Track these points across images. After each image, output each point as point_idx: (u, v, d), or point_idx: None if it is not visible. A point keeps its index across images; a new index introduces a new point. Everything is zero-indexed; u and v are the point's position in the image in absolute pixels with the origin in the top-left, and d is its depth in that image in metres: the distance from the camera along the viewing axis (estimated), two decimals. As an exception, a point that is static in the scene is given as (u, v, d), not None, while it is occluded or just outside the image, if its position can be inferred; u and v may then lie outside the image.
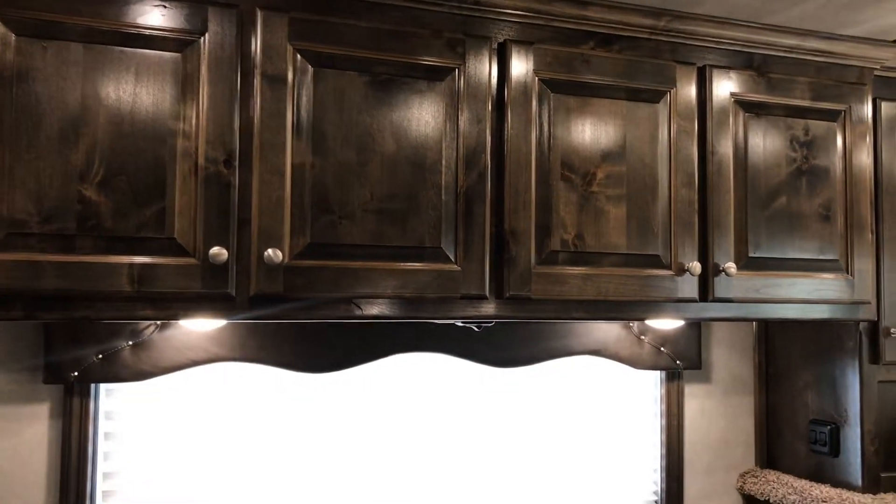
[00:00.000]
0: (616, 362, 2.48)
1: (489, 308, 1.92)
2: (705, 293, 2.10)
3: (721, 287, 2.10)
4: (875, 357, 2.37)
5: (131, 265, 1.61)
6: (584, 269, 1.98)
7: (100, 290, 1.59)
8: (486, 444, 2.39)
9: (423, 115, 1.83)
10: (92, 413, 2.00)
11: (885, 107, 2.38)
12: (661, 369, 2.56)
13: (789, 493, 2.47)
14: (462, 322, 2.01)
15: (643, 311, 2.08)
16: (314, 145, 1.74)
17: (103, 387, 2.03)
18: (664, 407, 2.59)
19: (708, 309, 2.12)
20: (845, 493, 2.32)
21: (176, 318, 1.68)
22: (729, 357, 2.69)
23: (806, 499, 2.41)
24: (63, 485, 1.97)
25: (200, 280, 1.66)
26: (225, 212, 1.68)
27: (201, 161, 1.66)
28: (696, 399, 2.65)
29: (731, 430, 2.69)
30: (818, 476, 2.48)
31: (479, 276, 1.88)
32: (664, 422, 2.59)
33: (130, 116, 1.62)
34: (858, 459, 2.37)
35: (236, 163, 1.69)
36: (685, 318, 2.16)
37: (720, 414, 2.68)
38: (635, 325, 2.50)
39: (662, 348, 2.53)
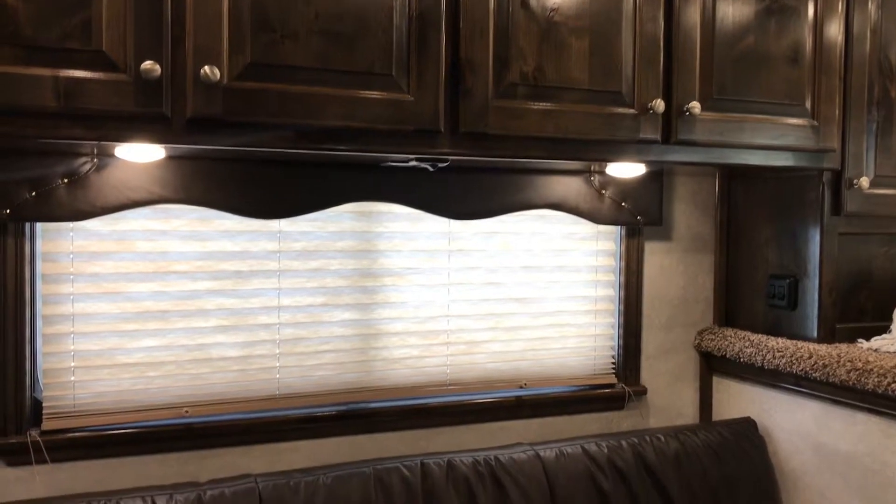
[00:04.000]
0: (576, 216, 2.43)
1: (444, 144, 1.84)
2: (668, 135, 2.03)
3: (684, 128, 2.04)
4: (837, 209, 2.35)
5: (56, 78, 1.49)
6: (543, 104, 1.89)
7: (21, 104, 1.48)
8: (444, 297, 2.35)
9: (372, -72, 1.70)
10: (28, 254, 1.91)
11: (860, -55, 2.28)
12: (621, 224, 2.52)
13: (746, 347, 2.48)
14: (416, 160, 1.93)
15: (604, 152, 2.02)
16: (253, -45, 1.61)
17: (40, 228, 1.93)
18: (623, 264, 2.56)
19: (670, 152, 2.07)
20: (801, 343, 2.33)
21: (107, 139, 1.58)
22: (690, 214, 2.66)
23: (762, 350, 2.41)
24: (1, 328, 1.89)
25: (133, 98, 1.54)
26: (157, 25, 1.55)
27: (129, -33, 1.53)
28: (655, 256, 2.62)
29: (690, 287, 2.68)
30: (775, 331, 2.49)
31: (433, 108, 1.79)
32: (623, 278, 2.56)
33: (47, -87, 1.47)
34: (815, 311, 2.38)
35: (168, -29, 1.56)
36: (647, 161, 2.11)
37: (680, 272, 2.66)
38: (596, 178, 2.44)
39: (623, 203, 2.48)
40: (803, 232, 2.41)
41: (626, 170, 2.34)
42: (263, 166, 2.07)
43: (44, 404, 1.95)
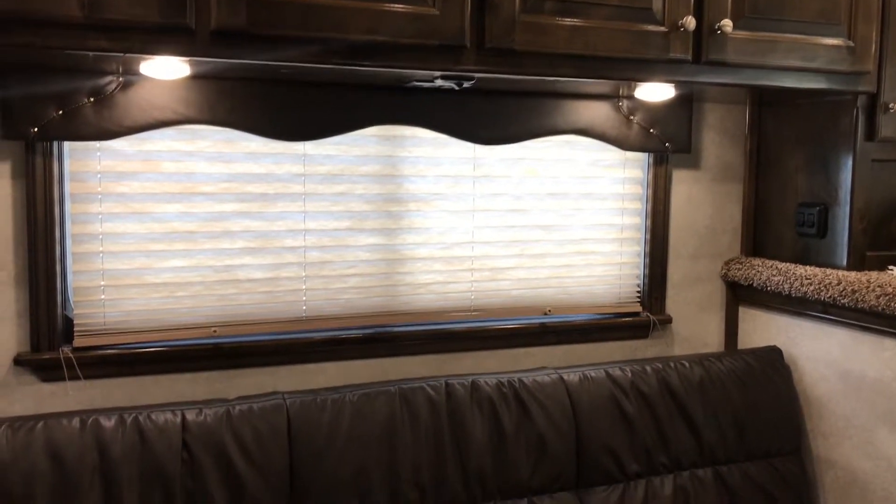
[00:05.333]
0: (603, 143, 2.40)
1: (469, 60, 1.81)
2: (698, 54, 1.99)
3: (715, 47, 1.99)
4: (871, 134, 2.29)
5: (80, -13, 1.48)
6: (572, 20, 1.85)
7: (46, 13, 1.48)
8: (469, 223, 2.34)
9: None
10: (57, 174, 1.92)
11: None
12: (649, 151, 2.48)
13: (773, 275, 2.45)
14: (441, 77, 1.90)
15: (633, 71, 1.98)
16: None
17: (67, 147, 1.94)
18: (650, 192, 2.53)
19: (700, 72, 2.03)
20: (829, 271, 2.30)
21: (132, 51, 1.57)
22: (719, 142, 2.61)
23: (790, 278, 2.39)
24: (31, 247, 1.91)
25: (157, 9, 1.54)
26: (180, -66, 1.54)
27: None
28: (683, 185, 2.58)
29: (717, 217, 2.65)
30: (803, 260, 2.46)
31: (459, 22, 1.76)
32: (650, 207, 2.54)
33: None
34: (845, 239, 2.34)
35: None
36: (676, 82, 2.07)
37: (707, 201, 2.63)
38: (624, 103, 2.40)
39: (651, 129, 2.44)
40: (835, 158, 2.36)
41: (655, 93, 2.30)
42: (287, 88, 2.05)
43: (75, 322, 1.99)
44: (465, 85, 1.98)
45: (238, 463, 1.83)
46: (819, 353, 2.39)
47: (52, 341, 1.95)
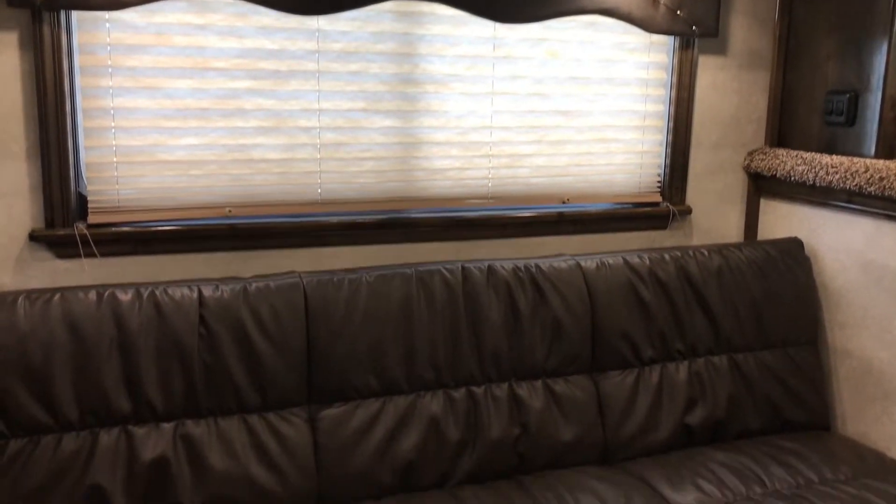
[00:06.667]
0: (627, 24, 2.31)
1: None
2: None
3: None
4: (908, 16, 2.20)
5: None
6: None
7: None
8: (487, 107, 2.28)
9: None
10: (65, 46, 1.87)
11: None
12: (675, 34, 2.39)
13: (798, 165, 2.40)
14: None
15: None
16: None
17: (76, 19, 1.88)
18: (675, 78, 2.46)
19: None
20: (857, 159, 2.24)
21: None
22: (748, 27, 2.51)
23: (815, 168, 2.34)
24: (41, 120, 1.88)
25: None
26: None
27: None
28: (709, 72, 2.50)
29: (743, 106, 2.57)
30: (830, 149, 2.40)
31: None
32: (674, 94, 2.47)
33: None
34: (875, 127, 2.27)
35: None
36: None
37: (733, 89, 2.55)
38: (651, -17, 2.30)
39: (678, 11, 2.34)
40: (869, 43, 2.27)
41: (684, -30, 2.20)
42: (301, -42, 1.97)
43: (89, 199, 1.97)
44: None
45: (255, 339, 1.84)
46: (841, 243, 2.35)
47: (67, 217, 1.94)
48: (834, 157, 2.31)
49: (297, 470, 1.83)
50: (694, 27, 2.38)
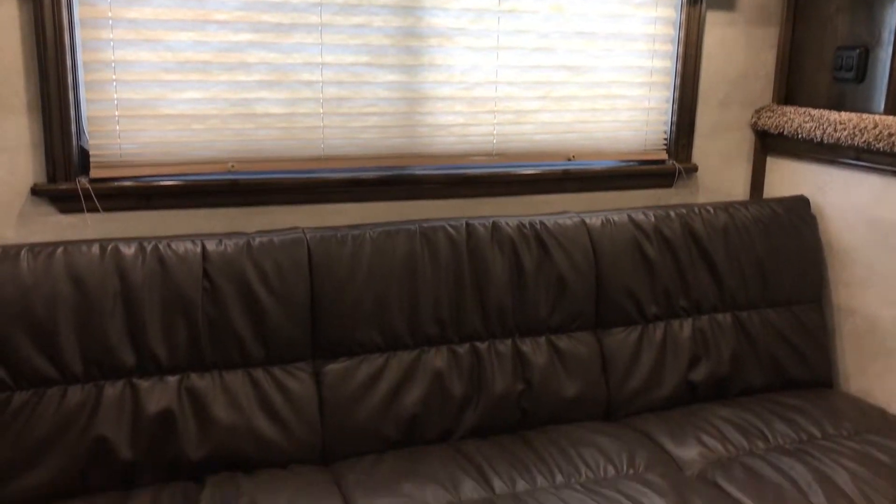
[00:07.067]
0: (635, -23, 2.28)
1: None
2: None
3: None
4: (921, -31, 2.16)
5: None
6: None
7: None
8: (492, 62, 2.25)
9: None
10: (65, -2, 1.85)
11: None
12: (683, -12, 2.36)
13: (805, 122, 2.37)
14: None
15: None
16: None
17: (74, -31, 1.86)
18: (682, 34, 2.42)
19: None
20: (866, 115, 2.22)
21: None
22: (758, -19, 2.48)
23: (822, 124, 2.31)
24: (42, 73, 1.86)
25: None
26: None
27: None
28: (717, 28, 2.47)
29: (751, 63, 2.54)
30: (838, 106, 2.36)
31: None
32: (681, 50, 2.43)
33: None
34: (885, 82, 2.24)
35: None
36: None
37: (741, 45, 2.51)
38: (660, -66, 2.26)
39: (687, -36, 2.31)
40: (881, -3, 2.23)
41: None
42: None
43: (91, 153, 1.95)
44: None
45: (259, 293, 1.84)
46: (848, 201, 2.33)
47: (69, 172, 1.93)
48: (842, 113, 2.29)
49: (301, 423, 1.85)
50: (702, -19, 2.34)
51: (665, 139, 2.51)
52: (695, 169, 2.53)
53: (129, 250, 1.78)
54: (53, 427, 1.68)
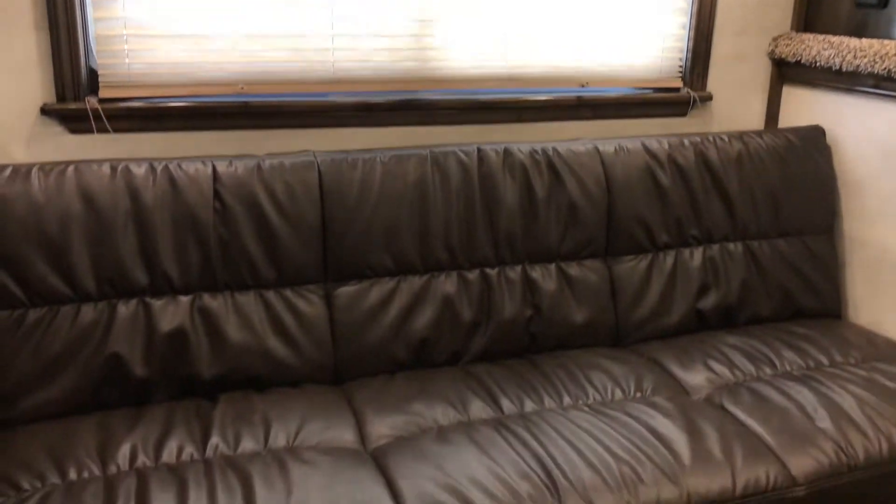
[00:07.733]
0: None
1: None
2: None
3: None
4: None
5: None
6: None
7: None
8: (505, -16, 2.21)
9: None
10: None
11: None
12: None
13: (824, 49, 2.32)
14: None
15: None
16: None
17: None
18: (701, -43, 2.37)
19: None
20: (887, 42, 2.17)
21: None
22: None
23: (842, 52, 2.27)
24: (52, 21, 1.83)
25: None
26: None
27: None
28: (737, -49, 2.41)
29: (770, -12, 2.48)
30: (859, 34, 2.31)
31: None
32: (699, -26, 2.38)
33: None
34: (908, 8, 2.19)
35: None
36: None
37: (761, -30, 2.45)
38: None
39: None
40: (908, -81, 2.16)
41: None
42: None
43: (99, 72, 1.93)
44: None
45: (270, 215, 1.84)
46: (864, 131, 2.30)
47: (78, 91, 1.91)
48: (863, 40, 2.24)
49: (313, 344, 1.86)
50: None
51: (680, 67, 2.47)
52: (710, 98, 2.50)
53: (139, 170, 1.78)
54: (67, 344, 1.71)
